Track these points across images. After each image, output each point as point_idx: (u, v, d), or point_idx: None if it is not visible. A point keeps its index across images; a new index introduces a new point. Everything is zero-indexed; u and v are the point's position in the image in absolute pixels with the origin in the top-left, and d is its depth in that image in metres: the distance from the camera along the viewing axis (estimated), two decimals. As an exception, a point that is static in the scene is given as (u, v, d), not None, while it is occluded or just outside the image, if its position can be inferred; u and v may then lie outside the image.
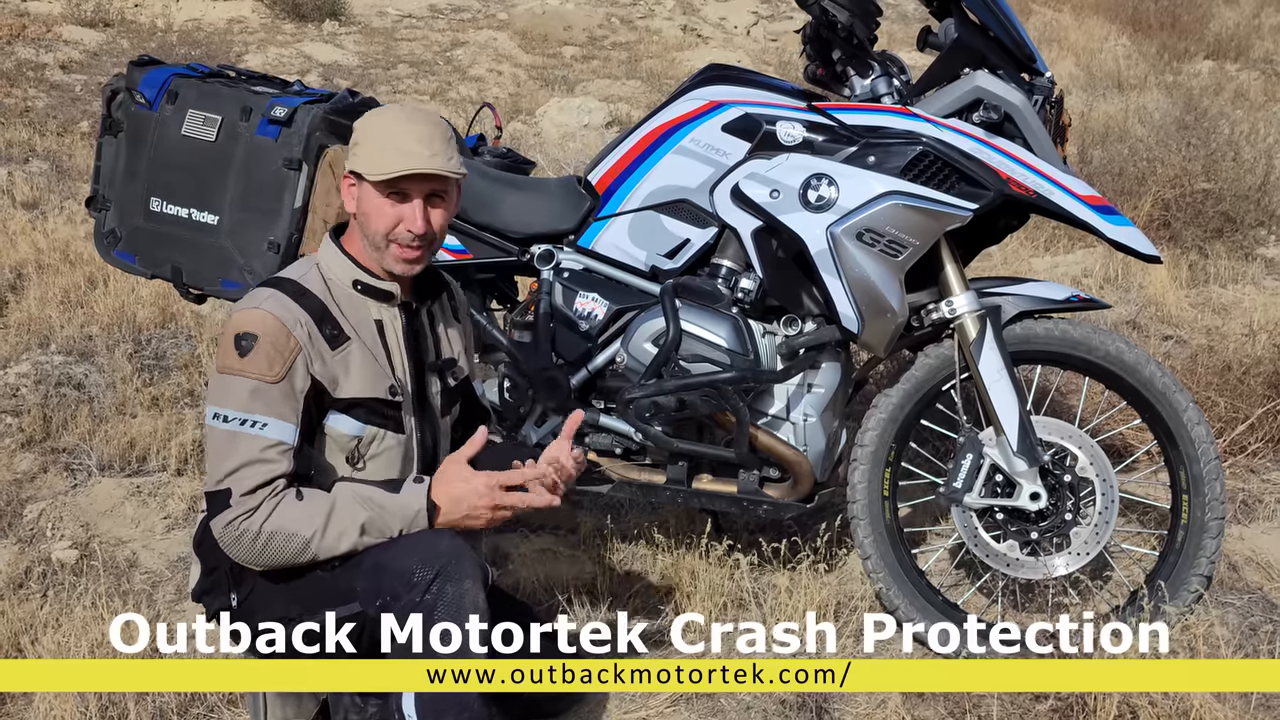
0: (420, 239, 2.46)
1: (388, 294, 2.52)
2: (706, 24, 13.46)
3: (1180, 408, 3.02)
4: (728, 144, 3.14)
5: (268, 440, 2.33)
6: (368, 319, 2.51)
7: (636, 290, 3.24)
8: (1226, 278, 5.84)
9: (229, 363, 2.36)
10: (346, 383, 2.44)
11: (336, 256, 2.52)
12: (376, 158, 2.42)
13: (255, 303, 2.41)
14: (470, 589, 2.31)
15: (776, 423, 3.17)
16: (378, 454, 2.51)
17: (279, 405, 2.35)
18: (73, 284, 5.26)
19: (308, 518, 2.33)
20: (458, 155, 2.48)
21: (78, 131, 7.90)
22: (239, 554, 2.36)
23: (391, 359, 2.52)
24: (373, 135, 2.45)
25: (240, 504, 2.31)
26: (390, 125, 2.46)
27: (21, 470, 3.98)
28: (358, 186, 2.47)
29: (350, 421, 2.47)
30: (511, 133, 8.40)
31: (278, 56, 10.58)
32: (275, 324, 2.36)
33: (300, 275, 2.49)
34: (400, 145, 2.41)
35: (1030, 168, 2.98)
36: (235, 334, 2.36)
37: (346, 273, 2.50)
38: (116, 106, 3.18)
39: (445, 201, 2.50)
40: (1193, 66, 11.01)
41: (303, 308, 2.41)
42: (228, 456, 2.34)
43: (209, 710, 2.89)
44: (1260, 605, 3.30)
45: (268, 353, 2.34)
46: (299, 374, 2.37)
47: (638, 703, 2.94)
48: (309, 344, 2.38)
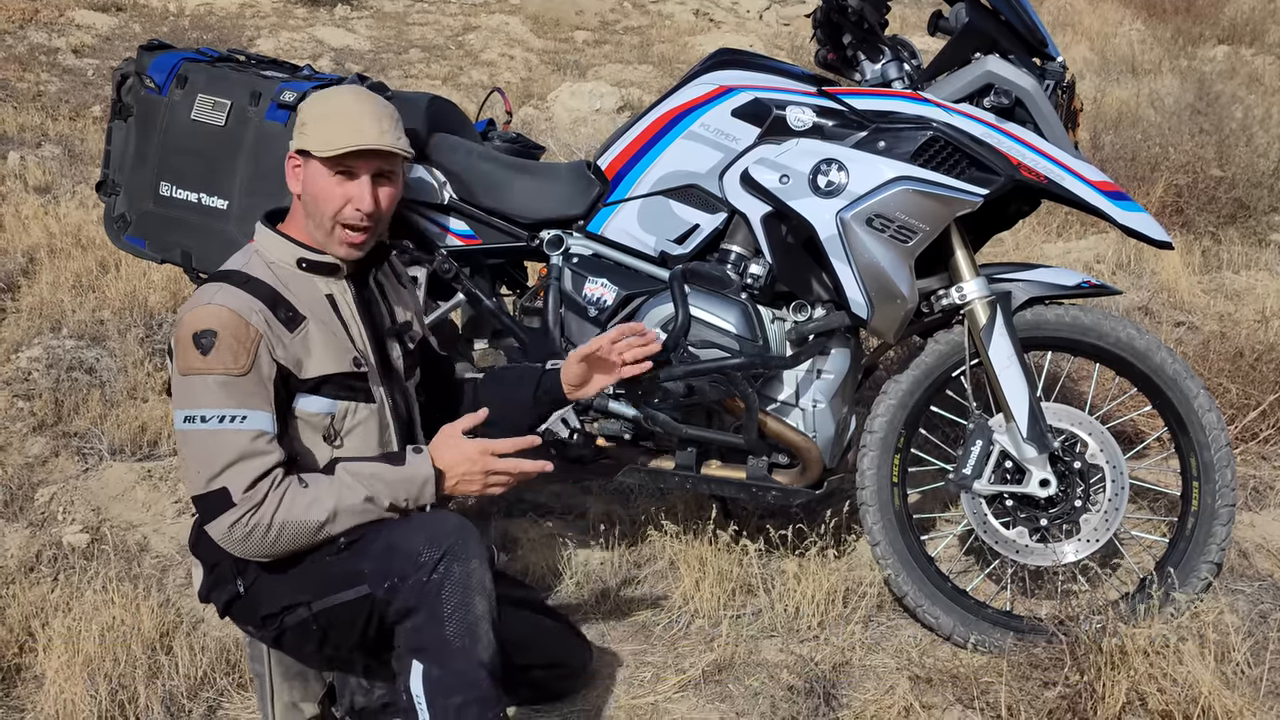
0: (369, 217, 2.44)
1: (333, 266, 2.49)
2: (719, 8, 13.41)
3: (1191, 394, 3.01)
4: (737, 129, 3.13)
5: (252, 431, 2.31)
6: (318, 296, 2.48)
7: (646, 276, 3.24)
8: (1239, 264, 5.81)
9: (192, 363, 2.31)
10: (310, 362, 2.42)
11: (274, 240, 2.49)
12: (326, 134, 2.41)
13: (205, 299, 2.36)
14: (477, 568, 2.31)
15: (786, 409, 3.16)
16: (353, 427, 2.49)
17: (253, 396, 2.32)
18: (84, 268, 5.27)
19: (317, 502, 2.33)
20: (405, 136, 2.48)
21: (90, 116, 7.92)
22: (249, 551, 2.34)
23: (350, 331, 2.50)
24: (321, 113, 2.44)
25: (245, 501, 2.29)
26: (338, 104, 2.45)
27: (33, 454, 3.99)
28: (304, 166, 2.46)
29: (320, 400, 2.44)
30: (523, 117, 8.39)
31: (289, 41, 10.57)
32: (231, 316, 2.32)
33: (243, 265, 2.46)
34: (349, 123, 2.40)
35: (1041, 153, 2.96)
36: (193, 333, 2.32)
37: (288, 253, 2.48)
38: (126, 91, 3.19)
39: (392, 181, 2.49)
40: (1207, 51, 10.94)
41: (253, 295, 2.38)
42: (214, 456, 2.30)
43: (219, 694, 2.91)
44: (1270, 592, 3.29)
45: (230, 346, 2.31)
46: (264, 361, 2.34)
47: (646, 688, 2.95)
48: (268, 330, 2.35)
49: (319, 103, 2.48)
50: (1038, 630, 2.94)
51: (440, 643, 2.28)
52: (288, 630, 2.46)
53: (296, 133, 2.47)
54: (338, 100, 2.47)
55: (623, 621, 3.23)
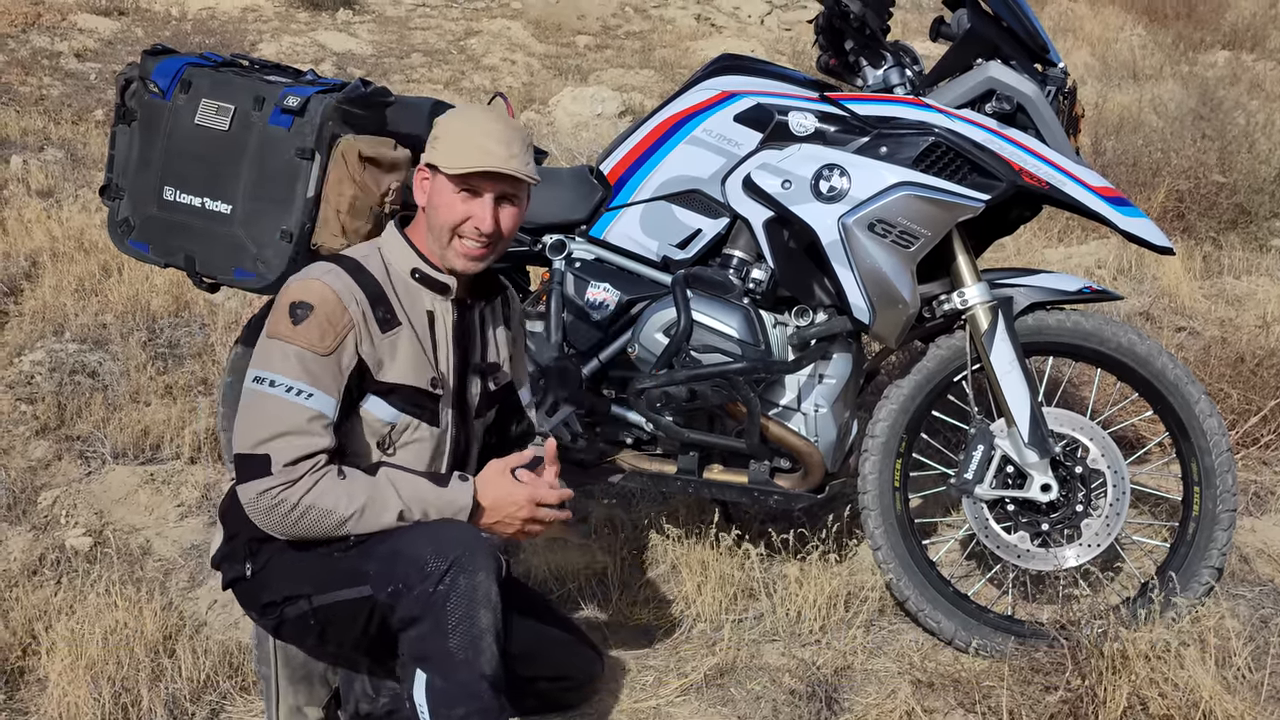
0: (487, 237, 2.48)
1: (444, 286, 2.53)
2: (720, 13, 13.42)
3: (1192, 399, 3.01)
4: (740, 134, 3.14)
5: (312, 411, 2.34)
6: (421, 309, 2.52)
7: (648, 280, 3.25)
8: (1240, 269, 5.82)
9: (281, 329, 2.37)
10: (391, 366, 2.45)
11: (399, 243, 2.54)
12: (456, 152, 2.44)
13: (314, 274, 2.43)
14: (483, 581, 2.31)
15: (788, 413, 3.17)
16: (409, 443, 2.52)
17: (325, 378, 2.36)
18: (87, 272, 5.28)
19: (349, 496, 2.34)
20: (534, 162, 2.52)
21: (92, 120, 7.92)
22: (269, 522, 2.35)
23: (437, 351, 2.53)
24: (454, 131, 2.48)
25: (282, 474, 2.31)
26: (472, 124, 2.49)
27: (36, 457, 4.00)
28: (431, 179, 2.50)
29: (387, 407, 2.47)
30: (525, 122, 8.39)
31: (292, 45, 10.58)
32: (332, 296, 2.38)
33: (362, 256, 2.51)
34: (480, 143, 2.44)
35: (1043, 159, 2.97)
36: (291, 302, 2.38)
37: (407, 260, 2.52)
38: (130, 95, 3.19)
39: (515, 204, 2.52)
40: (1209, 57, 10.96)
41: (359, 285, 2.43)
42: (269, 422, 2.33)
43: (222, 697, 2.91)
44: (1271, 597, 3.30)
45: (321, 324, 2.36)
46: (348, 350, 2.38)
47: (648, 692, 2.95)
48: (362, 322, 2.40)
49: (454, 119, 2.53)
50: (1039, 635, 2.95)
51: (443, 654, 2.28)
52: (287, 621, 2.48)
53: (429, 146, 2.51)
54: (472, 119, 2.51)
55: (624, 625, 3.23)
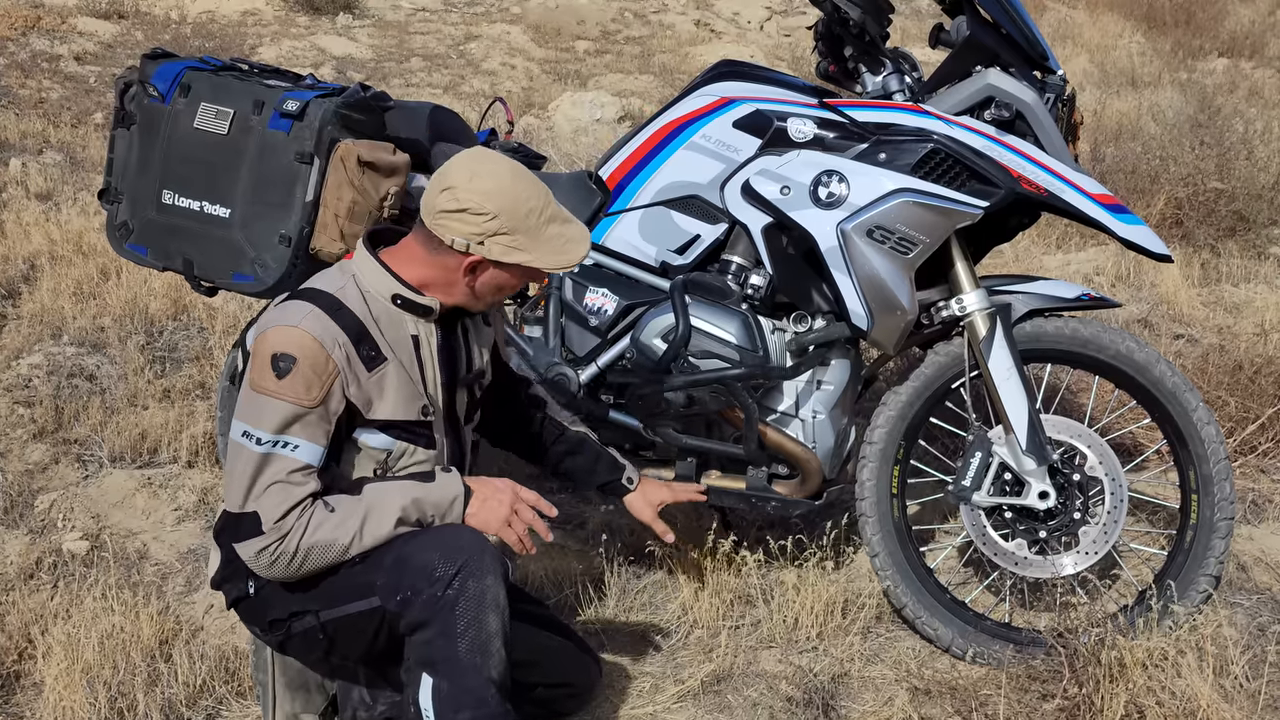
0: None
1: (426, 309, 2.47)
2: (720, 19, 13.42)
3: (1190, 407, 3.01)
4: (739, 140, 3.14)
5: (299, 463, 2.31)
6: (404, 335, 2.46)
7: (646, 286, 3.24)
8: (1239, 277, 5.82)
9: (266, 384, 2.30)
10: (380, 404, 2.42)
11: (374, 268, 2.45)
12: (547, 256, 2.42)
13: (293, 319, 2.34)
14: (492, 585, 2.31)
15: (785, 419, 3.17)
16: (407, 466, 2.50)
17: (313, 428, 2.32)
18: (85, 275, 5.28)
19: (343, 524, 2.33)
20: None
21: (92, 123, 7.92)
22: (275, 574, 2.35)
23: (425, 375, 2.50)
24: (533, 228, 2.40)
25: (274, 530, 2.29)
26: (549, 220, 2.43)
27: (33, 461, 4.00)
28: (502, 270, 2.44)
29: (382, 437, 2.45)
30: (524, 127, 8.39)
31: (291, 49, 10.59)
32: (313, 345, 2.31)
33: (337, 289, 2.41)
34: (570, 235, 2.45)
35: (1041, 166, 2.97)
36: (273, 354, 2.30)
37: (386, 286, 2.44)
38: (129, 99, 3.19)
39: None
40: (1207, 64, 10.97)
41: (340, 326, 2.35)
42: (255, 476, 2.30)
43: (218, 702, 2.91)
44: (1269, 606, 3.29)
45: (306, 376, 2.30)
46: (335, 397, 2.34)
47: (645, 698, 2.95)
48: (346, 365, 2.34)
49: (521, 211, 2.39)
50: (1036, 642, 2.95)
51: (451, 658, 2.28)
52: (294, 636, 2.46)
53: (502, 244, 2.38)
54: (544, 214, 2.42)
55: (621, 631, 3.23)
